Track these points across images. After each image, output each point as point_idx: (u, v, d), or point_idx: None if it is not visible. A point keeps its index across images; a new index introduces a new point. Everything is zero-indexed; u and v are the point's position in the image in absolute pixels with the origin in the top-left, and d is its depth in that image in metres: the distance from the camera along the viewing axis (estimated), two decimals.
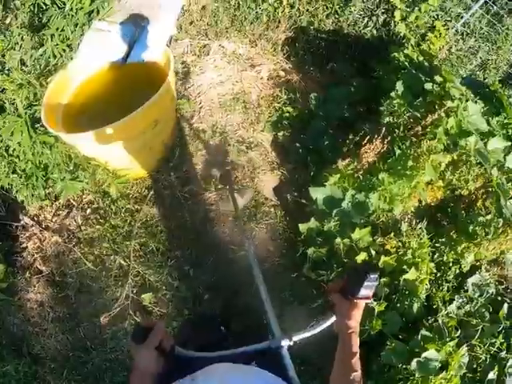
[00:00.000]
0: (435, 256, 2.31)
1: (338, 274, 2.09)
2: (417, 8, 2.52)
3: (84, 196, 2.36)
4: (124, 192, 2.33)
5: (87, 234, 2.28)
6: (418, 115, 2.06)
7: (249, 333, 2.00)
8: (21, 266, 2.32)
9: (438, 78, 2.06)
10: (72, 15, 2.05)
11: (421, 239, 2.18)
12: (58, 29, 2.09)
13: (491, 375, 2.12)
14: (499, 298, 2.33)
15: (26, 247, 2.34)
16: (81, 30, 2.11)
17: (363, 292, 1.00)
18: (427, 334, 2.02)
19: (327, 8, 2.65)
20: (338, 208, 2.12)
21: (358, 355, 0.99)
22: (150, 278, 2.18)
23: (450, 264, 2.29)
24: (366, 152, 2.15)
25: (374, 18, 2.65)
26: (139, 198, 2.32)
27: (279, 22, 2.72)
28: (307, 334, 1.12)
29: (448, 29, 2.60)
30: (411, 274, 2.11)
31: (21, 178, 2.16)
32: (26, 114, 1.98)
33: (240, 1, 2.65)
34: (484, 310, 2.26)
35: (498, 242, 2.18)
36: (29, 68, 2.04)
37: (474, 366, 2.11)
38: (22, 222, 2.38)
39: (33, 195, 2.20)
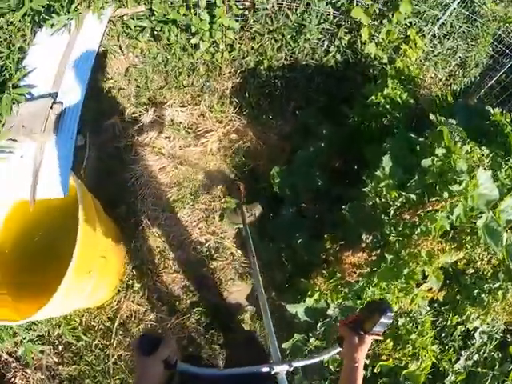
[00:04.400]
0: (438, 322, 2.08)
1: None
2: (386, 20, 1.85)
3: (51, 331, 2.19)
4: (89, 324, 2.14)
5: (67, 373, 2.17)
6: (414, 198, 1.60)
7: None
8: None
9: (439, 151, 1.54)
10: None
11: (422, 326, 1.92)
12: None
13: None
14: (509, 339, 2.17)
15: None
16: None
17: (377, 329, 1.01)
18: None
19: (276, 41, 2.06)
20: (324, 320, 1.88)
21: None
22: None
23: (454, 325, 2.07)
24: (348, 257, 1.74)
25: (337, 42, 2.05)
26: (104, 331, 2.12)
27: (220, 68, 2.12)
28: (308, 362, 1.13)
29: (424, 35, 1.98)
30: (412, 367, 1.92)
31: None
32: None
33: (168, 55, 2.03)
34: (493, 353, 2.12)
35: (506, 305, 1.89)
36: None
37: None
38: (2, 359, 2.29)
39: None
